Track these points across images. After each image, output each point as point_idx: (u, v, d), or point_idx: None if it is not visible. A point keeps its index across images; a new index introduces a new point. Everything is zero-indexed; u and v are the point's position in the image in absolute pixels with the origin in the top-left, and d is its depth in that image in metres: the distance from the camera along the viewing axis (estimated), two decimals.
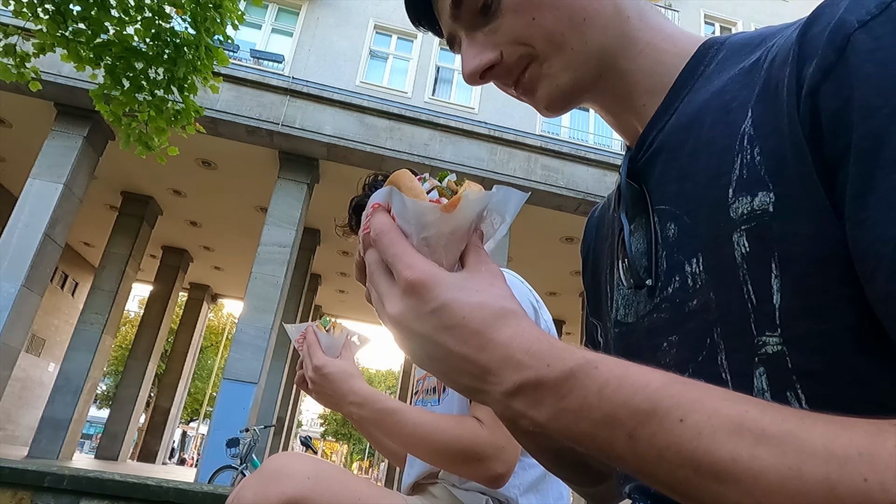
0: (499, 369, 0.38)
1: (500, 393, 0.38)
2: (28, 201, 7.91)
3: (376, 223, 0.43)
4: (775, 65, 0.44)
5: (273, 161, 9.17)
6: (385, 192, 0.44)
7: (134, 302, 32.79)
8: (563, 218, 9.55)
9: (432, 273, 0.40)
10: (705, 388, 0.34)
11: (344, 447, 51.16)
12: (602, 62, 0.55)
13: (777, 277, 0.40)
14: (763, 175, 0.42)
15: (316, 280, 14.01)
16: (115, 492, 2.22)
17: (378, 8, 10.87)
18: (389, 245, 0.42)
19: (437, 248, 0.43)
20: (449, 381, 0.41)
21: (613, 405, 0.34)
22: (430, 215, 0.42)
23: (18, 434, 15.88)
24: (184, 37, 4.74)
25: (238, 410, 7.70)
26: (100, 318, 9.86)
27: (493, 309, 0.39)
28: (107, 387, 29.77)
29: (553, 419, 0.36)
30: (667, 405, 0.33)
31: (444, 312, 0.39)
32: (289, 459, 0.91)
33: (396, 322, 0.41)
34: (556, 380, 0.36)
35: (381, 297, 0.43)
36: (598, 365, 0.36)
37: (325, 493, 0.87)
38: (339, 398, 1.10)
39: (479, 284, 0.41)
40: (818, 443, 0.29)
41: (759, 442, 0.30)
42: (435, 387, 1.22)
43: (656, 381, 0.34)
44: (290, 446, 19.79)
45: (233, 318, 32.27)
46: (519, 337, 0.38)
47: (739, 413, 0.31)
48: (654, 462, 0.33)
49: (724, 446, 0.31)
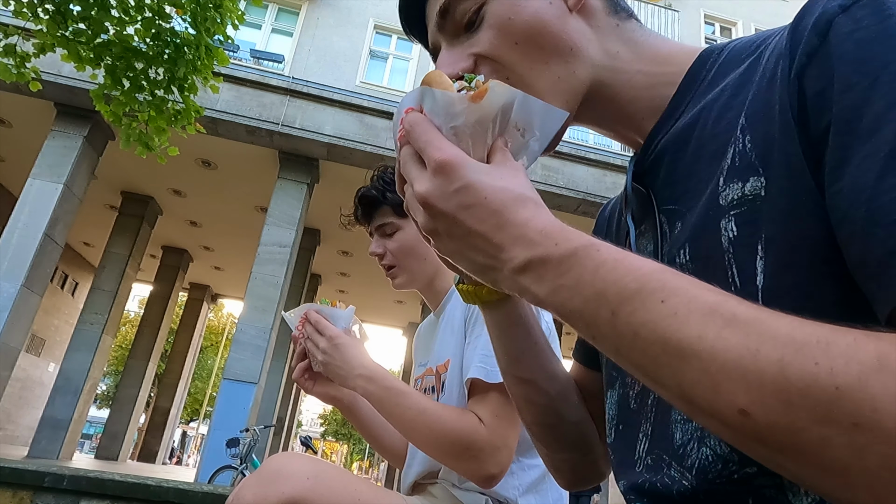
0: (512, 246, 0.40)
1: (510, 269, 0.40)
2: (28, 201, 7.91)
3: (409, 118, 0.46)
4: (771, 59, 0.45)
5: (273, 161, 9.17)
6: (416, 94, 0.47)
7: (134, 302, 32.79)
8: (564, 218, 8.97)
9: (460, 155, 0.43)
10: (693, 280, 0.35)
11: (344, 447, 51.16)
12: (589, 91, 0.56)
13: (762, 259, 0.41)
14: (754, 161, 0.43)
15: (316, 280, 14.01)
16: (115, 492, 2.22)
17: (378, 8, 10.86)
18: (422, 133, 0.44)
19: (464, 138, 0.45)
20: (464, 260, 0.44)
21: (605, 283, 0.36)
22: (459, 104, 0.44)
23: (18, 434, 15.88)
24: (184, 37, 4.74)
25: (238, 410, 7.70)
26: (100, 318, 9.86)
27: (514, 193, 0.42)
28: (107, 387, 29.76)
29: (551, 293, 0.39)
30: (652, 287, 0.35)
31: (468, 191, 0.41)
32: (288, 460, 0.91)
33: (423, 200, 0.43)
34: (559, 257, 0.39)
35: (412, 181, 0.44)
36: (599, 248, 0.38)
37: (325, 493, 0.87)
38: (348, 371, 1.10)
39: (503, 172, 0.43)
40: (782, 330, 0.30)
41: (728, 324, 0.31)
42: (434, 385, 1.22)
43: (648, 267, 0.36)
44: (290, 446, 19.80)
45: (233, 318, 32.27)
46: (534, 220, 0.41)
47: (717, 300, 0.33)
48: (630, 339, 0.34)
49: (695, 326, 0.32)
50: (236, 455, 6.98)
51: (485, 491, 1.09)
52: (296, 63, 9.98)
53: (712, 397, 0.31)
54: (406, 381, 1.14)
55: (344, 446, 51.00)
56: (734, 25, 12.00)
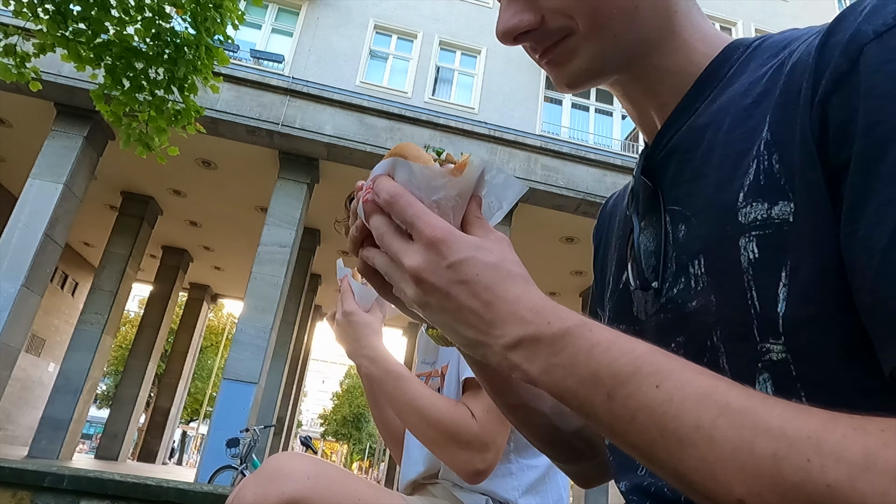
0: (503, 323, 0.41)
1: (501, 345, 0.41)
2: (28, 201, 7.91)
3: (387, 188, 0.45)
4: (796, 71, 0.43)
5: (273, 161, 9.17)
6: (387, 164, 0.47)
7: (134, 302, 32.80)
8: (563, 218, 9.55)
9: (452, 231, 0.43)
10: (685, 362, 0.36)
11: (344, 447, 51.15)
12: (637, 52, 0.54)
13: (785, 286, 0.40)
14: (783, 185, 0.42)
15: (316, 280, 14.01)
16: (115, 492, 2.22)
17: (378, 8, 10.87)
18: (407, 206, 0.44)
19: (446, 210, 0.46)
20: (455, 334, 0.44)
21: (599, 365, 0.37)
22: (440, 179, 0.45)
23: (18, 434, 15.88)
24: (184, 37, 4.74)
25: (238, 410, 7.71)
26: (100, 318, 9.86)
27: (505, 270, 0.43)
28: (107, 387, 29.76)
29: (544, 373, 0.39)
30: (646, 371, 0.35)
31: (461, 267, 0.42)
32: (289, 459, 0.91)
33: (415, 274, 0.43)
34: (552, 336, 0.39)
35: (398, 254, 0.45)
36: (592, 328, 0.39)
37: (325, 493, 0.87)
38: (356, 347, 1.14)
39: (492, 247, 0.44)
40: (774, 422, 0.31)
41: (722, 413, 0.32)
42: (439, 387, 1.23)
43: (641, 349, 0.37)
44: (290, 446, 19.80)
45: (233, 318, 32.27)
46: (525, 297, 0.41)
47: (710, 386, 0.34)
48: (627, 422, 0.35)
49: (690, 413, 0.33)
50: (236, 455, 6.98)
51: (485, 491, 1.09)
52: (296, 63, 9.98)
53: (711, 485, 0.32)
54: None
55: (344, 446, 50.99)
56: (734, 25, 12.00)
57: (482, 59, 11.01)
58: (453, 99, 10.76)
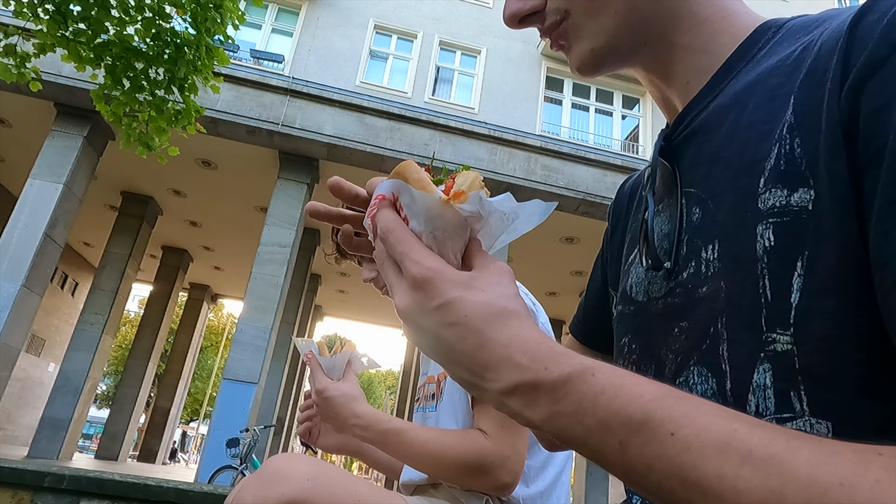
0: (496, 368, 0.38)
1: (497, 391, 0.38)
2: (28, 201, 7.91)
3: (383, 220, 0.44)
4: (823, 51, 0.42)
5: (273, 161, 9.17)
6: (391, 185, 0.45)
7: (134, 302, 32.79)
8: (563, 218, 9.54)
9: (439, 270, 0.40)
10: (698, 402, 0.34)
11: None
12: (648, 31, 0.53)
13: (800, 277, 0.39)
14: (804, 170, 0.40)
15: (316, 280, 14.01)
16: (115, 492, 2.22)
17: (378, 8, 10.87)
18: (396, 243, 0.42)
19: (444, 241, 0.44)
20: (450, 374, 0.42)
21: (607, 413, 0.34)
22: (438, 208, 0.43)
23: (18, 434, 15.88)
24: (184, 37, 4.74)
25: (238, 410, 7.70)
26: (100, 318, 9.86)
27: (495, 308, 0.39)
28: (107, 387, 29.77)
29: (547, 420, 0.37)
30: (659, 417, 0.33)
31: (448, 309, 0.39)
32: (288, 460, 0.91)
33: (403, 315, 0.42)
34: (552, 383, 0.36)
35: (391, 288, 0.43)
36: (594, 372, 0.36)
37: (325, 494, 0.87)
38: (342, 421, 1.11)
39: (485, 283, 0.41)
40: (802, 469, 0.29)
41: (745, 462, 0.30)
42: (434, 393, 1.23)
43: (650, 393, 0.34)
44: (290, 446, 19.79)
45: (233, 318, 32.26)
46: (518, 338, 0.38)
47: (728, 431, 0.32)
48: (643, 472, 0.33)
49: (711, 463, 0.31)
50: (236, 455, 6.98)
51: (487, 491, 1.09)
52: (296, 63, 9.98)
53: None
54: (407, 381, 1.15)
55: None
56: None
57: (482, 59, 11.01)
58: (453, 99, 10.76)
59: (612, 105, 11.62)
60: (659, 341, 0.52)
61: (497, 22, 11.35)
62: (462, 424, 1.11)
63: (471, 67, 11.03)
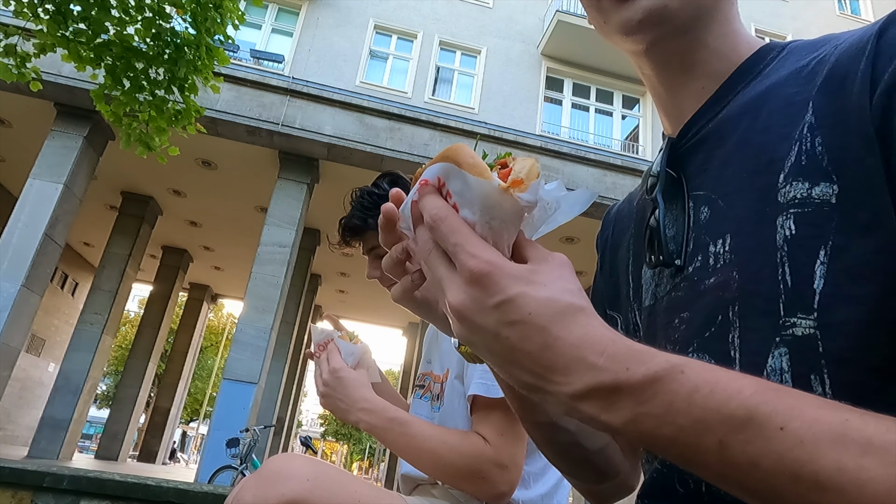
0: (567, 370, 0.36)
1: (567, 394, 0.36)
2: (28, 201, 7.91)
3: (432, 208, 0.40)
4: (843, 59, 0.44)
5: (273, 161, 9.17)
6: (438, 169, 0.41)
7: (134, 302, 32.78)
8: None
9: (498, 264, 0.37)
10: (798, 394, 0.33)
11: (344, 447, 51.14)
12: (695, 18, 0.54)
13: (823, 264, 0.41)
14: (826, 166, 0.42)
15: (316, 280, 14.01)
16: (115, 492, 2.22)
17: (378, 8, 10.87)
18: (449, 233, 0.39)
19: (500, 233, 0.40)
20: (507, 376, 0.39)
21: (705, 411, 0.33)
22: (497, 196, 0.39)
23: (18, 434, 15.88)
24: (184, 37, 4.74)
25: (238, 410, 7.70)
26: (100, 318, 9.86)
27: (561, 305, 0.37)
28: (107, 387, 29.76)
29: (630, 423, 0.35)
30: (764, 412, 0.32)
31: (510, 307, 0.36)
32: (288, 460, 0.91)
33: (457, 313, 0.38)
34: (637, 384, 0.34)
35: (441, 282, 0.40)
36: (683, 369, 0.34)
37: (325, 494, 0.87)
38: (349, 404, 1.11)
39: (547, 277, 0.38)
40: None
41: (866, 452, 0.29)
42: (439, 394, 1.22)
43: (749, 388, 0.33)
44: (290, 446, 19.79)
45: (233, 318, 32.27)
46: (590, 337, 0.36)
47: (840, 422, 0.31)
48: (746, 470, 0.32)
49: (829, 456, 0.30)
50: (236, 455, 6.98)
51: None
52: (296, 63, 9.98)
53: None
54: (407, 381, 1.15)
55: (344, 446, 50.99)
56: None
57: (482, 59, 11.01)
58: (453, 99, 10.76)
59: (612, 105, 11.63)
60: (659, 336, 0.53)
61: (497, 22, 11.35)
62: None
63: (471, 67, 11.03)
